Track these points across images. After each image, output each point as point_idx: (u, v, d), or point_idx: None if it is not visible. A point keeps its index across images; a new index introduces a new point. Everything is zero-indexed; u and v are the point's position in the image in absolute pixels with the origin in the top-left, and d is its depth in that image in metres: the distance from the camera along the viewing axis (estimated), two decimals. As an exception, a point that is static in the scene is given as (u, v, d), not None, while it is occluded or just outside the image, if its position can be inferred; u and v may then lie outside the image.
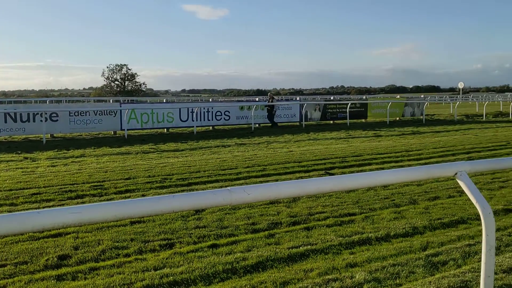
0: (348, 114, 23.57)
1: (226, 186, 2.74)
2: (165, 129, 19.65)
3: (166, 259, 4.47)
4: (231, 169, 9.45)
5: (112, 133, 18.35)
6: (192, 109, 20.14)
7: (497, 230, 5.18)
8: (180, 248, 4.80)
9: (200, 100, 51.03)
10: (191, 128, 19.60)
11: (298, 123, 23.03)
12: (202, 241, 5.02)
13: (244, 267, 4.26)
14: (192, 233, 5.25)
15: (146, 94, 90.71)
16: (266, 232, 5.28)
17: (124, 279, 4.00)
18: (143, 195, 7.01)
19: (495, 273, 3.89)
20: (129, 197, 7.00)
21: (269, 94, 23.82)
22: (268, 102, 22.19)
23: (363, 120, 25.33)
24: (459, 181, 3.09)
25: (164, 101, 31.19)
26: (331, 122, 24.16)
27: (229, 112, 21.41)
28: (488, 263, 2.95)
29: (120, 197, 7.05)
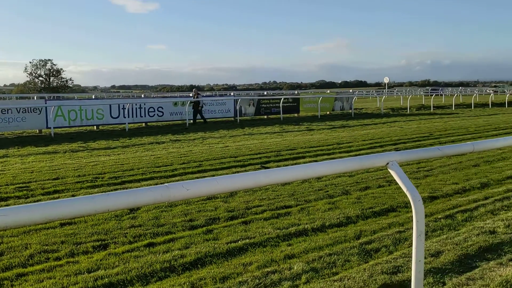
0: (281, 109, 23.95)
1: (162, 183, 2.66)
2: (95, 127, 18.90)
3: (100, 260, 4.30)
4: (166, 166, 9.27)
5: (37, 131, 17.37)
6: (123, 105, 19.52)
7: (424, 216, 5.47)
8: (115, 248, 4.64)
9: (132, 96, 49.59)
10: (123, 125, 19.01)
11: (232, 118, 23.05)
12: (138, 240, 4.88)
13: (183, 264, 4.19)
14: (127, 233, 5.09)
15: (73, 90, 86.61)
16: (204, 228, 5.23)
17: (56, 284, 3.79)
18: (73, 196, 6.70)
19: (424, 257, 4.11)
20: (58, 198, 6.65)
21: (193, 90, 23.07)
22: (194, 98, 21.40)
23: (296, 115, 25.83)
24: (390, 171, 3.21)
25: (93, 97, 30.00)
26: (265, 117, 24.41)
27: (162, 108, 20.98)
28: (419, 248, 3.09)
29: (48, 198, 6.69)
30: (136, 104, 20.24)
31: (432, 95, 36.29)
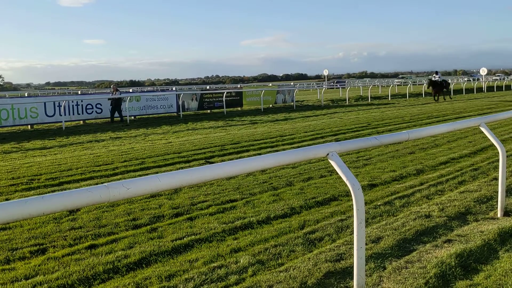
0: (224, 103, 23.91)
1: (102, 183, 2.56)
2: (29, 126, 18.00)
3: (39, 266, 4.11)
4: (106, 164, 8.99)
5: (-35, 132, 16.30)
6: (59, 103, 18.71)
7: (364, 204, 5.67)
8: (54, 252, 4.45)
9: (68, 93, 47.61)
10: (59, 124, 18.24)
11: (175, 114, 22.72)
12: (78, 243, 4.71)
13: (127, 265, 4.09)
14: (67, 236, 4.89)
15: (4, 88, 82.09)
16: (148, 227, 5.13)
17: (-10, 294, 3.59)
18: (7, 199, 6.35)
19: (365, 244, 4.26)
20: (-10, 202, 6.27)
21: (112, 86, 21.32)
22: (112, 94, 19.61)
23: (239, 108, 25.88)
24: (330, 161, 3.29)
25: (26, 95, 28.51)
26: (209, 111, 24.28)
27: (101, 105, 20.30)
28: (360, 235, 3.20)
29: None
30: (72, 101, 19.46)
31: (369, 86, 37.57)
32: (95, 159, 9.69)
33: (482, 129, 5.15)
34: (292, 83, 69.24)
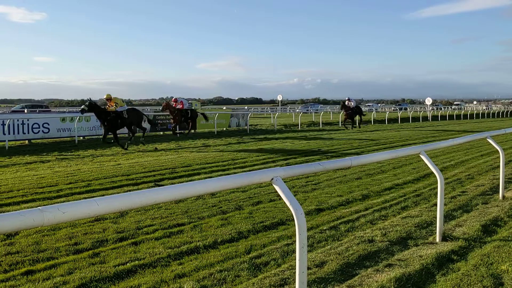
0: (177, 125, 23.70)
1: (44, 205, 2.47)
2: (-31, 144, 17.14)
3: (-32, 294, 3.88)
4: (50, 186, 8.67)
5: None
6: (3, 121, 17.94)
7: (310, 228, 5.75)
8: (-13, 279, 4.21)
9: (13, 111, 45.73)
10: (2, 143, 17.44)
11: (127, 135, 22.28)
12: (14, 268, 4.49)
13: (65, 291, 3.93)
14: (2, 261, 4.65)
15: None
16: (91, 252, 4.97)
17: None
18: None
19: (309, 268, 4.31)
20: None
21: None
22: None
23: (193, 131, 25.74)
24: (275, 186, 3.34)
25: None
26: (161, 133, 23.99)
27: (48, 124, 19.63)
28: (302, 259, 3.24)
29: None
30: (18, 120, 18.71)
31: (321, 112, 38.49)
32: (39, 180, 9.33)
33: (422, 157, 5.39)
34: (246, 107, 69.81)
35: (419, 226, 5.91)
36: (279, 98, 65.16)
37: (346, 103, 28.28)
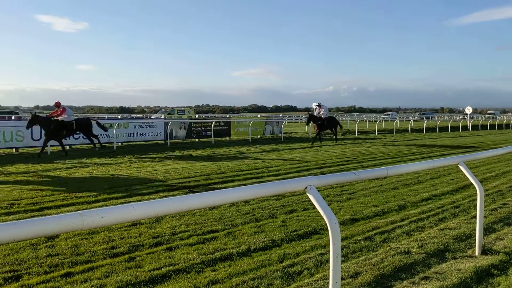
0: (212, 132, 23.98)
1: (83, 209, 2.55)
2: (14, 149, 17.86)
3: (11, 293, 4.03)
4: (89, 191, 8.92)
5: None
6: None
7: (345, 238, 5.68)
8: (29, 279, 4.37)
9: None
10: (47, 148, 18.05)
11: (163, 142, 22.71)
12: (54, 270, 4.63)
13: (102, 294, 4.03)
14: (43, 263, 4.82)
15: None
16: (127, 256, 5.07)
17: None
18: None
19: (343, 279, 4.26)
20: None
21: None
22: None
23: (227, 138, 25.96)
24: (308, 195, 3.33)
25: (13, 118, 28.38)
26: (197, 140, 24.31)
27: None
28: (335, 270, 3.21)
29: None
30: (60, 126, 19.30)
31: (357, 121, 38.07)
32: (79, 185, 9.60)
33: (461, 167, 5.25)
34: (280, 115, 69.80)
35: (458, 238, 5.74)
36: (314, 106, 64.80)
37: (315, 113, 22.97)
